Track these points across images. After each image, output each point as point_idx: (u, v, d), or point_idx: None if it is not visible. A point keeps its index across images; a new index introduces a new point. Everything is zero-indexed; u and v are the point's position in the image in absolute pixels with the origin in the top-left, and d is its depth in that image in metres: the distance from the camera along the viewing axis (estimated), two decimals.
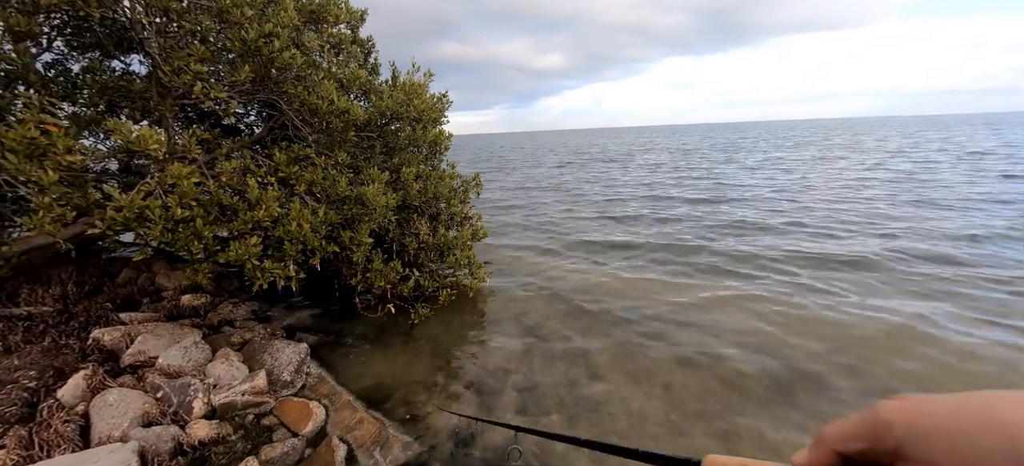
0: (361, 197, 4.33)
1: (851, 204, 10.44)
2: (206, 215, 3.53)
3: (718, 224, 9.20)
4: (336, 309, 5.24)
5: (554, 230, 9.50)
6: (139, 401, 3.01)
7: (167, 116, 3.95)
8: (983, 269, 5.87)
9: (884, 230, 7.97)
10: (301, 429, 3.10)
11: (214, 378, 3.46)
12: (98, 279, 5.07)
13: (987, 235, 7.31)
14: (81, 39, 4.61)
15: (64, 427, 2.77)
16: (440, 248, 5.22)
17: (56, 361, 3.47)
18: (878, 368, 3.81)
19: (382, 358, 4.26)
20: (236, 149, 4.45)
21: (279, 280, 3.72)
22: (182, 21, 3.65)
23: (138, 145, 3.21)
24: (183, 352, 3.67)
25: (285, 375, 3.62)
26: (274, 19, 3.88)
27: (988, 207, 9.36)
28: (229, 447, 2.92)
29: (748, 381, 3.72)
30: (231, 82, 3.82)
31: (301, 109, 4.43)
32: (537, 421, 3.32)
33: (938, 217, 8.76)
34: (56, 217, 2.91)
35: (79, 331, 3.96)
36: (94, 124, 4.24)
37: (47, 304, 4.28)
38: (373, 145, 5.20)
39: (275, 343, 4.00)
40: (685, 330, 4.63)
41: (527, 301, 5.56)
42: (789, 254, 6.90)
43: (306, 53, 4.30)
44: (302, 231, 3.82)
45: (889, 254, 6.60)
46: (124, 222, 3.17)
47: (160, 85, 3.74)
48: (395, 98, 4.92)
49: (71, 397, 3.03)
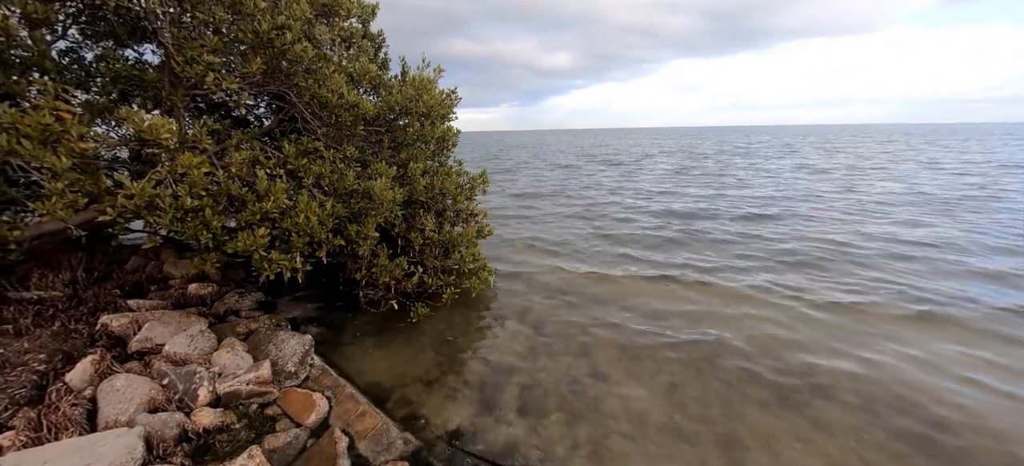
0: (368, 191, 4.34)
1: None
2: (215, 205, 3.56)
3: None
4: (340, 303, 5.27)
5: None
6: (145, 387, 3.05)
7: (178, 106, 3.98)
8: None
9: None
10: (304, 420, 3.12)
11: (219, 367, 3.49)
12: (107, 266, 5.13)
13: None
14: (95, 27, 4.65)
15: (72, 410, 2.81)
16: (445, 244, 5.22)
17: (65, 345, 3.52)
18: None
19: (385, 353, 4.27)
20: (246, 140, 4.47)
21: (285, 272, 3.74)
22: (196, 11, 3.67)
23: (149, 134, 3.24)
24: (189, 340, 3.71)
25: (289, 366, 3.64)
26: (287, 12, 3.90)
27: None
28: (233, 435, 2.95)
29: (750, 384, 3.70)
30: (243, 73, 3.85)
31: (311, 102, 4.45)
32: (539, 421, 3.32)
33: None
34: (68, 203, 2.94)
35: (88, 316, 4.01)
36: (107, 112, 4.28)
37: (57, 289, 4.33)
38: (381, 140, 5.21)
39: (280, 334, 4.03)
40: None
41: (531, 299, 5.56)
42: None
43: (317, 46, 4.32)
44: (309, 223, 3.84)
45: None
46: (134, 210, 3.20)
47: (172, 75, 3.78)
48: (404, 93, 4.93)
49: (79, 381, 3.07)
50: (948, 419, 3.31)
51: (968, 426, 3.24)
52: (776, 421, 3.30)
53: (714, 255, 7.28)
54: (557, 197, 13.99)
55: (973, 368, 3.95)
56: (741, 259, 7.05)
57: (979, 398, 3.54)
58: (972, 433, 3.17)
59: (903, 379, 3.79)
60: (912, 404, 3.47)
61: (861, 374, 3.86)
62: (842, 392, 3.62)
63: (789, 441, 3.09)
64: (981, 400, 3.52)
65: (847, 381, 3.77)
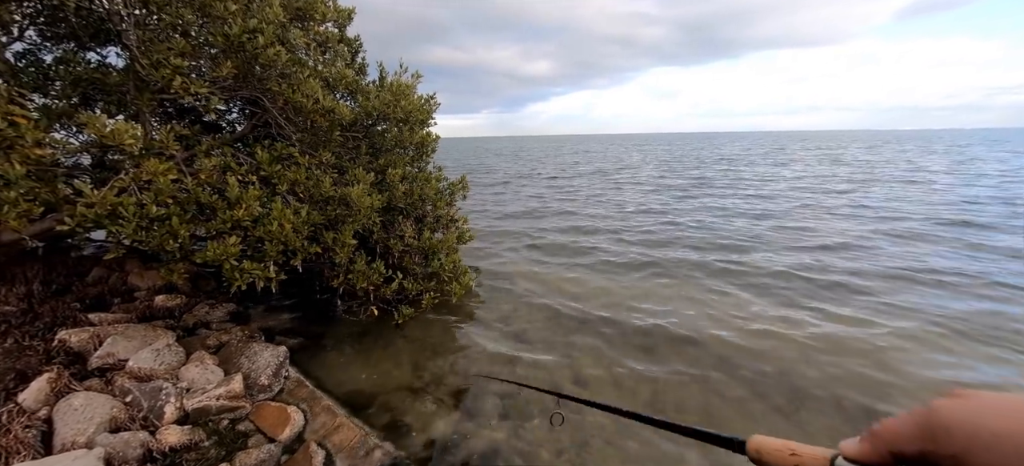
0: (345, 198, 4.26)
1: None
2: (183, 213, 3.43)
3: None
4: (317, 312, 5.14)
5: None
6: (107, 405, 2.89)
7: (144, 111, 3.84)
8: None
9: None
10: (278, 435, 3.02)
11: (188, 382, 3.35)
12: (66, 278, 4.88)
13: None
14: (55, 29, 4.44)
15: (25, 433, 2.64)
16: (425, 251, 5.16)
17: (18, 363, 3.31)
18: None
19: (364, 362, 4.18)
20: (216, 146, 4.34)
21: (258, 281, 3.63)
22: (162, 13, 3.56)
23: (112, 139, 3.10)
24: (155, 354, 3.55)
25: (263, 379, 3.52)
26: (259, 15, 3.81)
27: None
28: (202, 453, 2.82)
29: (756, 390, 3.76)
30: (213, 77, 3.73)
31: (285, 107, 4.35)
32: (521, 425, 3.29)
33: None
34: (22, 212, 2.79)
35: (44, 332, 3.79)
36: (66, 117, 4.09)
37: (11, 303, 4.09)
38: (359, 145, 5.14)
39: (253, 346, 3.89)
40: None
41: (512, 305, 5.54)
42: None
43: (291, 50, 4.23)
44: (284, 231, 3.73)
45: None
46: (95, 219, 3.06)
47: (137, 78, 3.64)
48: (382, 98, 4.87)
49: (34, 401, 2.89)
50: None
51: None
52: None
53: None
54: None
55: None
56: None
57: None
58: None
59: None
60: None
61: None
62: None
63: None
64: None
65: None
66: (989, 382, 3.89)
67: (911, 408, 0.39)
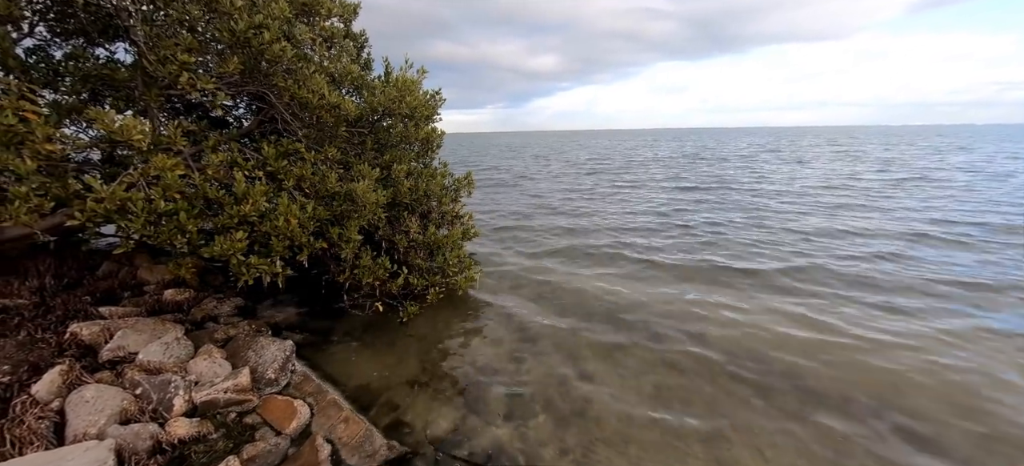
0: (351, 193, 4.27)
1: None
2: (190, 208, 3.46)
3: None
4: (323, 307, 5.17)
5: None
6: (117, 398, 2.94)
7: (152, 106, 3.87)
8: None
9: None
10: (285, 428, 3.05)
11: (196, 375, 3.39)
12: (77, 272, 4.94)
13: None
14: (64, 25, 4.48)
15: (37, 424, 2.69)
16: (430, 246, 5.17)
17: (31, 355, 3.37)
18: None
19: (369, 357, 4.21)
20: (223, 142, 4.36)
21: (265, 276, 3.66)
22: (169, 9, 3.57)
23: (121, 135, 3.13)
24: (164, 348, 3.59)
25: (269, 373, 3.56)
26: (265, 10, 3.81)
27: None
28: (210, 446, 2.86)
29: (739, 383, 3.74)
30: (219, 73, 3.75)
31: (291, 103, 4.36)
32: (524, 423, 3.30)
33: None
34: (33, 207, 2.83)
35: (56, 325, 3.84)
36: (76, 112, 4.12)
37: (23, 297, 4.15)
38: (364, 141, 5.14)
39: (260, 340, 3.93)
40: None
41: (516, 300, 5.54)
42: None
43: (297, 46, 4.24)
44: (290, 227, 3.76)
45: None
46: (105, 214, 3.09)
47: (145, 74, 3.66)
48: (387, 94, 4.87)
49: (46, 393, 2.94)
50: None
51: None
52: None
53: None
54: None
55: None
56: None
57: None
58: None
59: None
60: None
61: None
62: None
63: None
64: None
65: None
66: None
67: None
